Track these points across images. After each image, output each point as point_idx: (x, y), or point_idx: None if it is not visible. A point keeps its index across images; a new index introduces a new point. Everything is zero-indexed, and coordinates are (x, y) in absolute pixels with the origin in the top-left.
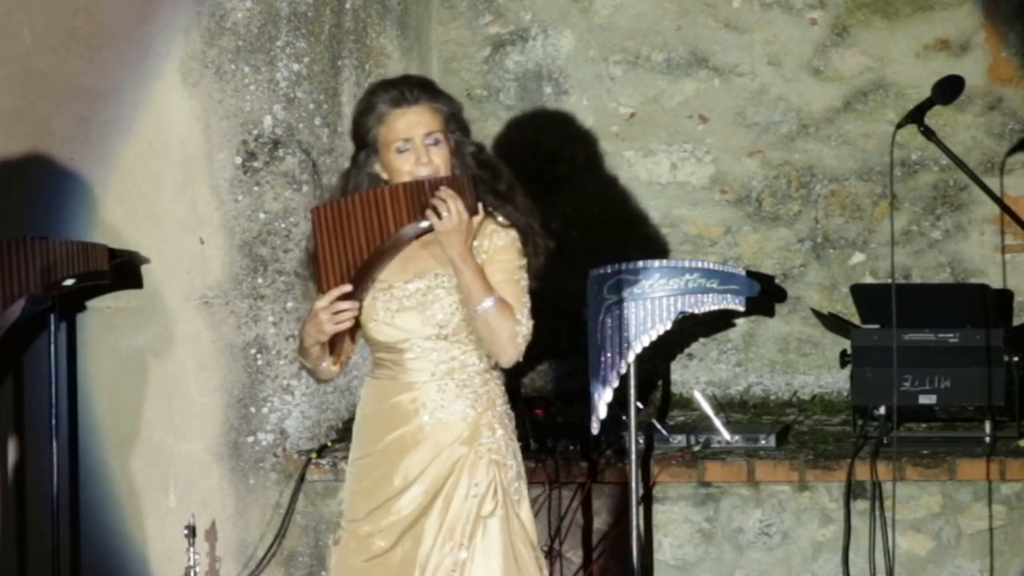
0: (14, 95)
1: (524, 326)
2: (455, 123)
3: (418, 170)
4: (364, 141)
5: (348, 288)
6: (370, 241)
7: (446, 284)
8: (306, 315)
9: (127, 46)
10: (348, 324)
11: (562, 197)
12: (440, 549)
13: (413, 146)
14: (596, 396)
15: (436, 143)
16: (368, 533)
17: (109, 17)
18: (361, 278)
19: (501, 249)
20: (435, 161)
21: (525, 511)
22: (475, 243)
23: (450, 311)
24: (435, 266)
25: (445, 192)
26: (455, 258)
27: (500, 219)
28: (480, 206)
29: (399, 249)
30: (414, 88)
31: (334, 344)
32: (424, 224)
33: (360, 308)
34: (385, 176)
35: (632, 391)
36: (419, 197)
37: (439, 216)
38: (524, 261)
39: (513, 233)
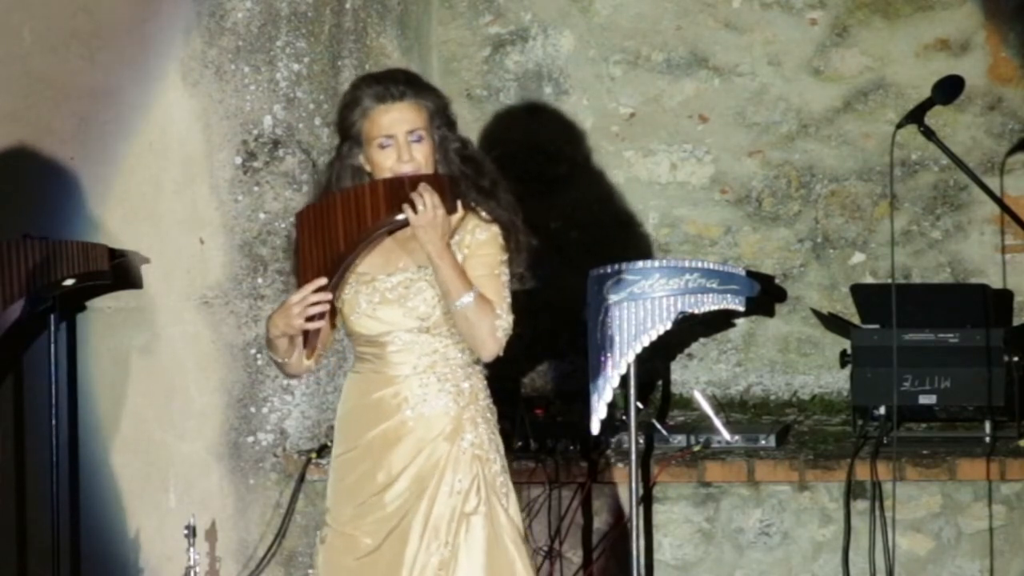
0: (14, 95)
1: (504, 320)
2: (440, 118)
3: (400, 167)
4: (348, 134)
5: (323, 281)
6: (348, 236)
7: (428, 277)
8: (276, 307)
9: (127, 46)
10: (319, 323)
11: (562, 197)
12: (426, 549)
13: (396, 143)
14: (596, 396)
15: (419, 140)
16: (354, 530)
17: (109, 17)
18: (336, 269)
19: (483, 243)
20: (417, 158)
21: (513, 505)
22: (456, 238)
23: (432, 304)
24: (418, 259)
25: (422, 186)
26: (431, 253)
27: (483, 214)
28: (459, 204)
29: (375, 242)
30: (399, 83)
31: (307, 338)
32: (400, 217)
33: (334, 303)
34: (368, 168)
35: (632, 391)
36: (398, 193)
37: (415, 210)
38: (506, 256)
39: (495, 228)
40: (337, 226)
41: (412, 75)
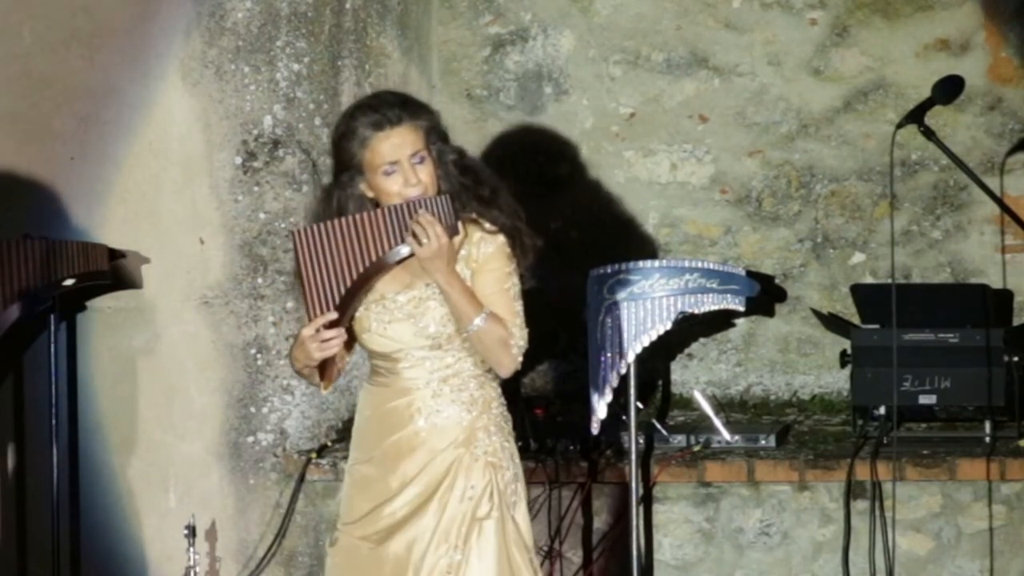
0: (14, 95)
1: (518, 337)
2: (435, 134)
3: (407, 191)
4: (348, 164)
5: (333, 316)
6: (353, 268)
7: (437, 295)
8: (294, 340)
9: (127, 46)
10: (335, 350)
11: (562, 197)
12: (435, 551)
13: (401, 168)
14: (596, 396)
15: (421, 161)
16: (364, 536)
17: (109, 17)
18: (346, 305)
19: (490, 257)
20: (423, 180)
21: (521, 514)
22: (463, 252)
23: (442, 322)
24: (425, 276)
25: (424, 218)
26: (440, 282)
27: (486, 225)
28: (460, 225)
29: (382, 275)
30: (394, 107)
31: (323, 368)
32: (405, 251)
33: (352, 323)
34: (371, 194)
35: (632, 391)
36: (400, 222)
37: (419, 243)
38: (514, 265)
39: (500, 238)
40: (341, 257)
41: (403, 96)
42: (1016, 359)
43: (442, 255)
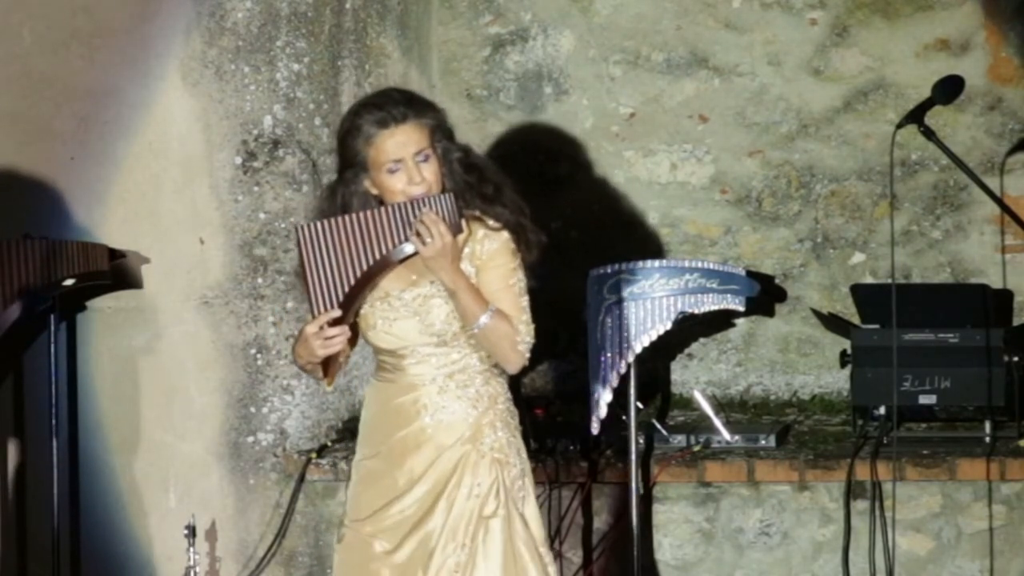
0: (14, 95)
1: (524, 333)
2: (440, 132)
3: (411, 189)
4: (352, 161)
5: (337, 314)
6: (357, 265)
7: (441, 292)
8: (297, 336)
9: (127, 46)
10: (339, 348)
11: (562, 197)
12: (443, 550)
13: (405, 166)
14: (596, 396)
15: (426, 159)
16: (371, 533)
17: (109, 17)
18: (350, 302)
19: (494, 254)
20: (427, 178)
21: (530, 509)
22: (467, 250)
23: (447, 319)
24: (430, 274)
25: (427, 217)
26: (445, 281)
27: (490, 223)
28: (464, 223)
29: (386, 272)
30: (399, 105)
31: (326, 364)
32: (409, 249)
33: (357, 320)
34: (375, 192)
35: (632, 391)
36: (404, 220)
37: (423, 242)
38: (518, 261)
39: (504, 235)
40: (345, 254)
41: (408, 93)
42: (1016, 359)
43: (446, 254)
